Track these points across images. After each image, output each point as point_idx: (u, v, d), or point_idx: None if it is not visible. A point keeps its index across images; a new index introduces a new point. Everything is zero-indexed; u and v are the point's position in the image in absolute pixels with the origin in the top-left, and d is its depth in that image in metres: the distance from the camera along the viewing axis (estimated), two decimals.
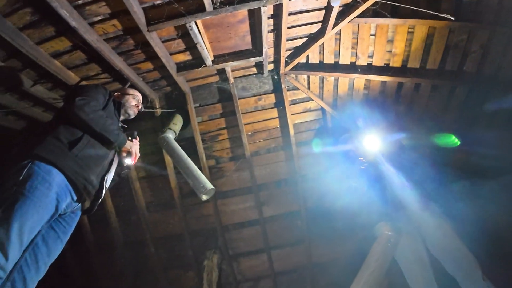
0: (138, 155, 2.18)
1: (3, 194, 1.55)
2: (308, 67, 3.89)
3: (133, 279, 4.57)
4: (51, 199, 1.62)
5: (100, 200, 1.98)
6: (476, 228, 2.98)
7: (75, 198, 1.81)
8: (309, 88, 4.09)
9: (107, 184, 2.01)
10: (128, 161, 2.14)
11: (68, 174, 1.71)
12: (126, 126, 2.41)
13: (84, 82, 3.24)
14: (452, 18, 2.54)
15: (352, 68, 3.73)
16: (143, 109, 2.55)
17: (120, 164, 2.17)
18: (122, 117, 2.37)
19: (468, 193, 3.21)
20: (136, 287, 4.60)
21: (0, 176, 1.67)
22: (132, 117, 2.45)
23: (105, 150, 1.96)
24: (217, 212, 4.36)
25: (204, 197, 3.44)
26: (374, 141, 3.56)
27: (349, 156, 3.68)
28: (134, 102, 2.44)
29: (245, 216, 4.45)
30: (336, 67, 3.78)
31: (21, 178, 1.58)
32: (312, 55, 3.77)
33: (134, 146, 2.14)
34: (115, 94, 2.43)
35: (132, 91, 2.50)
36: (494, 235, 3.11)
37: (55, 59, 2.84)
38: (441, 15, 2.65)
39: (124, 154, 2.10)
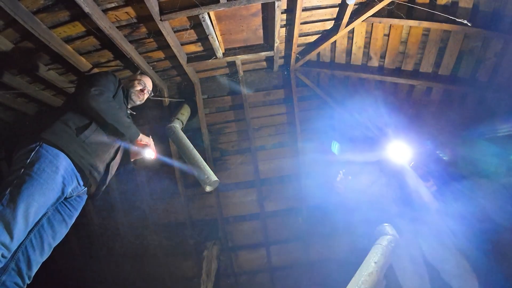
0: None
1: (11, 176, 1.58)
2: (318, 64, 3.86)
3: (134, 263, 4.65)
4: (57, 182, 1.65)
5: (105, 186, 2.01)
6: (474, 228, 2.98)
7: (81, 182, 1.84)
8: (318, 85, 4.06)
9: (112, 170, 2.04)
10: (149, 155, 2.14)
11: (74, 159, 1.74)
12: (134, 113, 2.40)
13: (95, 70, 3.26)
14: (469, 24, 2.48)
15: (364, 67, 3.69)
16: (152, 94, 2.48)
17: (127, 153, 2.19)
18: (130, 104, 2.33)
19: (467, 193, 3.20)
20: (137, 271, 4.69)
21: (10, 158, 1.70)
22: (138, 103, 2.36)
23: (112, 138, 1.98)
24: (219, 203, 4.40)
25: (208, 188, 3.45)
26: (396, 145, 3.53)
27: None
28: (139, 86, 2.33)
29: (247, 209, 4.48)
30: (347, 66, 3.74)
31: (29, 160, 1.61)
32: (324, 52, 3.73)
33: (149, 139, 2.14)
34: (124, 81, 2.41)
35: (139, 76, 2.42)
36: (493, 235, 3.11)
37: (67, 44, 2.85)
38: (457, 19, 2.60)
39: (141, 147, 2.09)
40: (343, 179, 3.37)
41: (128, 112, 2.24)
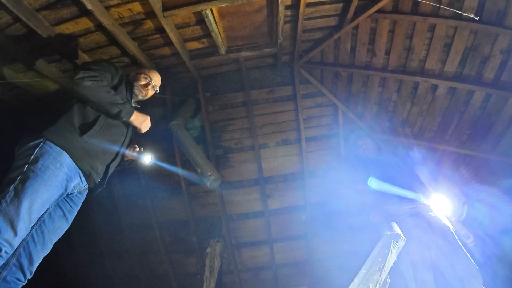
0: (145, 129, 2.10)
1: (15, 172, 1.59)
2: (322, 61, 3.83)
3: (137, 260, 4.67)
4: (61, 179, 1.66)
5: (102, 187, 2.01)
6: (478, 232, 2.95)
7: (83, 179, 1.85)
8: (322, 82, 4.03)
9: (111, 171, 2.03)
10: (147, 160, 2.22)
11: (75, 161, 1.74)
12: (139, 107, 2.31)
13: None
14: (476, 18, 2.44)
15: (368, 64, 3.66)
16: (158, 91, 2.40)
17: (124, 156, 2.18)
18: (133, 99, 2.24)
19: (471, 197, 3.17)
20: (140, 267, 4.71)
21: (14, 152, 1.70)
22: (140, 98, 2.27)
23: (115, 138, 1.97)
24: (223, 201, 4.39)
25: (211, 186, 3.46)
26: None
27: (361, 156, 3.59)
28: (143, 81, 2.24)
29: (250, 207, 4.47)
30: (351, 63, 3.71)
31: (33, 156, 1.61)
32: (328, 49, 3.70)
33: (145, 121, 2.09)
34: (132, 73, 2.33)
35: (147, 70, 2.34)
36: (497, 239, 3.08)
37: (70, 41, 2.85)
38: (464, 14, 2.56)
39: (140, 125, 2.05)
40: None
41: (133, 105, 2.20)
